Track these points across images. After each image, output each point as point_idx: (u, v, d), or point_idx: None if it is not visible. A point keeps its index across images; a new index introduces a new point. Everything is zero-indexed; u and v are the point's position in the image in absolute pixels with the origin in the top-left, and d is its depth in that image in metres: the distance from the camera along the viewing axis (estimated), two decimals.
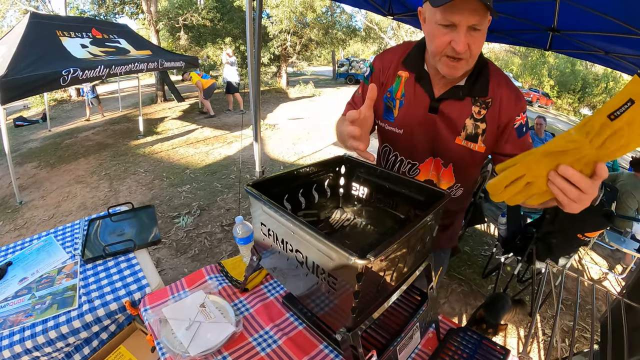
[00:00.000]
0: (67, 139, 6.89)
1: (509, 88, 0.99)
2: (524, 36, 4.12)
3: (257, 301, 1.14)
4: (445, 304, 2.63)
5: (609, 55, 3.68)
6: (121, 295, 1.22)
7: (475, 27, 0.83)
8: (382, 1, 3.60)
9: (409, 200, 0.94)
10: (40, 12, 6.87)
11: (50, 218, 3.81)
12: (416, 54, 1.05)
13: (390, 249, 0.61)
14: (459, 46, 0.83)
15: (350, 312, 0.64)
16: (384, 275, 0.69)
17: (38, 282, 1.28)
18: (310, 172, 1.04)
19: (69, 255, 1.43)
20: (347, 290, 0.63)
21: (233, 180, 4.77)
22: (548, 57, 24.62)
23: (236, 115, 8.73)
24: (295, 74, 17.56)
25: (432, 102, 1.02)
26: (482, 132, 1.00)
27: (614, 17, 2.64)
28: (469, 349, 0.98)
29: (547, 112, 20.36)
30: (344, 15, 14.90)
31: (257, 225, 0.87)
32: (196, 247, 3.21)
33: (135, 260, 1.41)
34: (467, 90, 0.99)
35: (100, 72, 5.10)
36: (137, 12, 13.27)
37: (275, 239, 0.79)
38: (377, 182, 1.03)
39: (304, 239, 0.68)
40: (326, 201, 1.12)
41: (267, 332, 1.02)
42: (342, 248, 0.57)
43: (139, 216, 1.75)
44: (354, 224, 1.10)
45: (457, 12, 0.80)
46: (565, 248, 2.47)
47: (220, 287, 1.20)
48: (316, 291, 0.73)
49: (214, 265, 1.32)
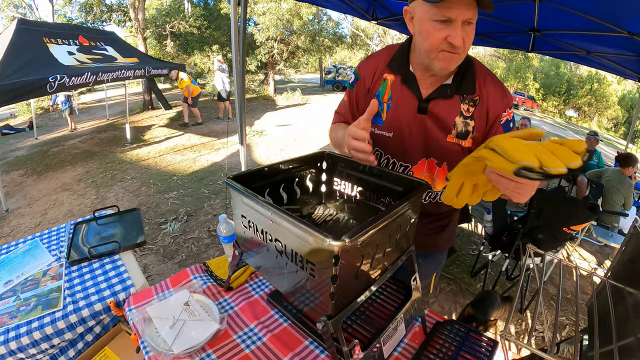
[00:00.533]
0: (54, 147, 6.82)
1: (495, 85, 1.01)
2: (507, 38, 4.22)
3: (241, 299, 1.13)
4: (434, 304, 2.64)
5: (591, 54, 3.78)
6: (106, 295, 1.21)
7: (469, 21, 0.85)
8: (366, 6, 3.66)
9: (389, 192, 0.95)
10: (28, 19, 6.79)
11: (37, 226, 3.75)
12: (401, 56, 1.05)
13: (365, 232, 0.61)
14: (457, 40, 0.84)
15: (329, 298, 0.64)
16: (362, 263, 0.69)
17: (23, 284, 1.28)
18: (292, 167, 1.04)
19: (55, 258, 1.43)
20: (325, 275, 0.63)
21: (220, 186, 4.75)
22: (532, 61, 25.15)
23: (224, 122, 8.72)
24: (283, 81, 17.64)
25: (420, 102, 1.02)
26: (472, 130, 1.01)
27: (593, 15, 2.71)
28: (456, 342, 0.98)
29: (533, 114, 20.72)
30: (331, 22, 15.09)
31: (238, 219, 0.87)
32: (183, 253, 3.18)
33: (121, 261, 1.40)
34: (454, 88, 0.99)
35: (87, 79, 5.05)
36: (124, 19, 13.23)
37: (255, 230, 0.79)
38: (358, 176, 1.04)
39: (281, 226, 0.68)
40: (309, 198, 1.12)
41: (252, 329, 1.02)
42: (318, 230, 0.58)
43: (125, 219, 1.74)
44: (336, 219, 1.10)
45: (454, 7, 0.81)
46: (551, 242, 2.50)
47: (204, 287, 1.19)
48: (296, 280, 0.73)
49: (199, 265, 1.31)
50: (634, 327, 1.01)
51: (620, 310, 1.15)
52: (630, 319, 1.07)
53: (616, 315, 1.13)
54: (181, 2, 15.91)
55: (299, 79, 16.03)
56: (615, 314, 1.14)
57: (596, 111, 26.12)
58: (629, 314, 1.11)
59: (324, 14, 14.07)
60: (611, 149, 14.58)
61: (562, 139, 0.58)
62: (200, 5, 14.78)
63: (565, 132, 16.26)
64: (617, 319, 1.12)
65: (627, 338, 1.00)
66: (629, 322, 1.05)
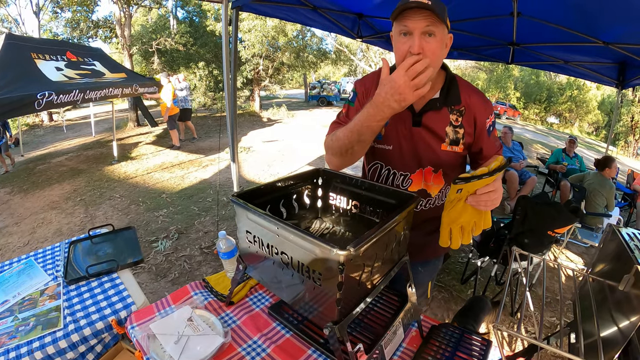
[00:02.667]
0: (40, 164, 6.74)
1: (477, 96, 1.14)
2: (487, 52, 4.36)
3: (243, 313, 1.16)
4: (427, 311, 2.68)
5: (569, 64, 3.94)
6: (107, 314, 1.21)
7: (429, 33, 0.95)
8: (351, 25, 3.77)
9: (382, 205, 1.01)
10: (16, 34, 6.74)
11: (26, 245, 3.69)
12: None
13: (368, 241, 0.67)
14: (414, 48, 0.94)
15: (335, 305, 0.68)
16: (364, 270, 0.74)
17: (20, 304, 1.27)
18: (290, 184, 1.09)
19: (51, 277, 1.42)
20: (331, 283, 0.68)
21: (210, 203, 4.74)
22: (513, 71, 25.89)
23: (212, 139, 8.71)
24: (268, 97, 17.79)
25: (414, 116, 1.13)
26: (462, 136, 1.13)
27: (570, 28, 2.84)
28: (452, 343, 1.03)
29: (515, 123, 21.26)
30: (315, 38, 15.31)
31: (242, 234, 0.91)
32: (176, 271, 3.16)
33: (119, 280, 1.40)
34: (442, 101, 1.11)
35: (75, 96, 5.03)
36: (110, 36, 13.22)
37: (260, 245, 0.83)
38: (352, 190, 1.10)
39: (288, 240, 0.73)
40: (306, 212, 1.17)
41: (256, 341, 1.04)
42: (324, 242, 0.63)
43: (120, 237, 1.75)
44: (333, 232, 1.15)
45: (409, 19, 0.94)
46: (537, 246, 2.58)
47: (206, 302, 1.21)
48: (302, 290, 0.77)
49: (199, 282, 1.33)
50: (615, 318, 1.08)
51: (602, 303, 1.22)
52: (610, 310, 1.14)
53: (598, 308, 1.20)
54: (167, 19, 16.04)
55: (284, 95, 16.17)
56: (597, 306, 1.21)
57: (577, 116, 27.00)
58: (609, 305, 1.18)
59: (307, 30, 14.30)
60: (593, 152, 15.06)
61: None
62: (186, 22, 14.93)
63: (547, 139, 16.71)
64: (599, 311, 1.19)
65: (609, 328, 1.07)
66: (610, 313, 1.12)
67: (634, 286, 1.01)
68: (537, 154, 10.13)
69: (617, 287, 1.05)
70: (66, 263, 1.48)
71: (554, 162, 5.46)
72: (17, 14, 14.09)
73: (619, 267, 1.21)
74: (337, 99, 18.52)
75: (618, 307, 1.07)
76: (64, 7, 12.12)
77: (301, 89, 23.14)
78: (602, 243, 1.50)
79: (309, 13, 3.29)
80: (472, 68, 28.17)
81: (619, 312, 1.05)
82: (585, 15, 2.65)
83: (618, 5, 2.31)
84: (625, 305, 1.03)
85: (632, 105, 20.50)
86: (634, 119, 20.54)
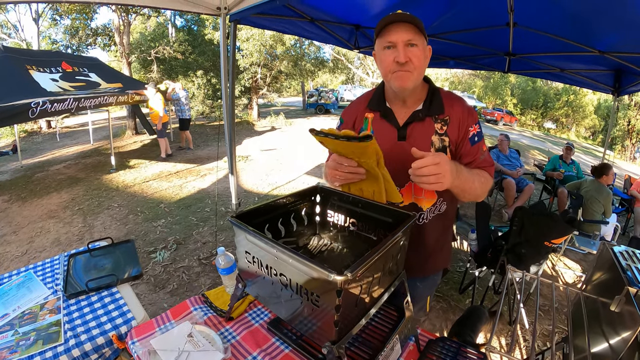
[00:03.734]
0: (39, 172, 6.74)
1: (461, 105, 1.17)
2: (483, 61, 4.41)
3: (242, 329, 1.17)
4: (425, 322, 2.69)
5: (565, 72, 3.99)
6: (107, 329, 1.22)
7: (411, 43, 1.04)
8: (348, 36, 3.81)
9: (379, 223, 1.03)
10: (11, 47, 6.77)
11: (24, 254, 3.69)
12: (378, 96, 1.22)
13: (364, 265, 0.68)
14: (400, 57, 1.04)
15: (333, 325, 0.70)
16: (362, 291, 0.76)
17: (20, 318, 1.27)
18: (288, 202, 1.11)
19: (51, 291, 1.42)
20: (329, 305, 0.69)
21: (208, 213, 4.75)
22: (509, 77, 26.09)
23: (208, 149, 8.73)
24: (266, 105, 17.89)
25: (399, 131, 1.16)
26: (448, 144, 1.15)
27: (566, 37, 2.88)
28: (449, 357, 1.05)
29: (512, 129, 21.36)
30: (312, 47, 15.45)
31: (241, 254, 0.93)
32: (174, 282, 3.16)
33: (119, 294, 1.41)
34: (425, 111, 1.15)
35: (69, 105, 5.05)
36: (109, 43, 13.28)
37: (260, 266, 0.85)
38: (349, 208, 1.12)
39: (287, 263, 0.74)
40: (304, 229, 1.19)
41: (255, 357, 1.05)
42: (322, 267, 0.65)
43: (119, 251, 1.75)
44: (331, 249, 1.17)
45: (393, 32, 1.04)
46: (534, 256, 2.60)
47: (205, 317, 1.22)
48: (301, 310, 0.79)
49: (198, 297, 1.34)
50: (606, 335, 1.10)
51: (594, 321, 1.24)
52: (602, 328, 1.16)
53: (590, 324, 1.22)
54: (165, 27, 16.13)
55: (282, 103, 16.29)
56: (589, 323, 1.23)
57: (573, 121, 27.18)
58: (601, 323, 1.20)
59: (305, 39, 14.43)
60: (590, 157, 15.15)
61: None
62: (184, 31, 15.01)
63: (544, 144, 16.82)
64: (591, 328, 1.21)
65: (600, 345, 1.09)
66: (602, 330, 1.14)
67: (625, 304, 1.03)
68: (535, 160, 10.19)
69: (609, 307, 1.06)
70: (66, 277, 1.49)
71: (551, 169, 5.50)
72: (16, 20, 14.11)
73: (611, 286, 1.23)
74: (335, 106, 18.63)
75: (610, 324, 1.09)
76: (63, 14, 12.19)
77: (299, 97, 23.24)
78: (597, 260, 1.52)
79: (306, 25, 3.34)
80: (469, 75, 28.37)
81: (610, 329, 1.07)
82: (580, 25, 2.69)
83: (612, 14, 2.35)
84: (617, 323, 1.05)
85: (629, 109, 20.67)
86: (630, 123, 20.69)
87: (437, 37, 3.57)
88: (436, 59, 4.63)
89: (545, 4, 2.49)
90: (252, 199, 5.44)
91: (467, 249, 3.99)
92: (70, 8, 11.56)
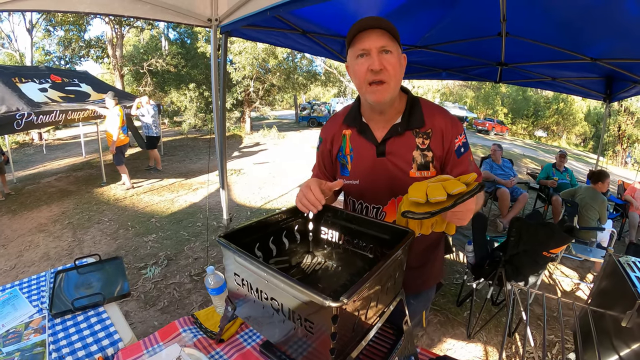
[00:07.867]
0: (29, 184, 6.66)
1: (443, 116, 1.10)
2: (475, 71, 4.44)
3: (234, 351, 1.11)
4: (423, 336, 2.63)
5: (556, 80, 4.03)
6: (93, 351, 1.17)
7: (385, 50, 0.97)
8: (340, 49, 3.82)
9: (375, 240, 0.98)
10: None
11: (12, 268, 3.59)
12: (354, 112, 1.16)
13: (362, 289, 0.64)
14: (374, 65, 0.96)
15: (329, 353, 0.65)
16: (359, 315, 0.71)
17: (5, 337, 1.22)
18: (280, 219, 1.06)
19: (36, 309, 1.37)
20: (324, 332, 0.65)
21: (200, 228, 4.67)
22: (500, 87, 26.52)
23: (201, 162, 8.65)
24: (259, 118, 17.94)
25: (377, 147, 1.11)
26: (432, 159, 1.08)
27: (558, 45, 2.90)
28: None
29: (503, 138, 21.59)
30: (305, 60, 15.59)
31: (230, 275, 0.87)
32: (165, 299, 3.06)
33: (106, 314, 1.36)
34: (405, 125, 1.08)
35: (56, 117, 4.98)
36: (102, 56, 13.27)
37: (249, 288, 0.80)
38: (344, 225, 1.07)
39: (278, 287, 0.69)
40: (297, 247, 1.14)
41: None
42: (316, 293, 0.60)
43: (107, 268, 1.69)
44: (325, 267, 1.12)
45: (366, 40, 0.97)
46: (532, 267, 2.56)
47: (195, 339, 1.17)
48: (294, 337, 0.74)
49: (187, 317, 1.29)
50: (617, 349, 1.05)
51: (603, 334, 1.20)
52: (612, 342, 1.12)
53: (598, 337, 1.18)
54: (158, 40, 16.18)
55: (274, 116, 16.39)
56: (598, 335, 1.18)
57: (564, 129, 27.59)
58: (610, 337, 1.16)
59: (297, 52, 14.55)
60: (582, 164, 15.31)
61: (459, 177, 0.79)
62: (177, 43, 15.06)
63: (536, 153, 16.99)
64: (601, 343, 1.16)
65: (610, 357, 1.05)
66: (612, 344, 1.10)
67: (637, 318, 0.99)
68: (527, 168, 10.26)
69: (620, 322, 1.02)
70: (52, 294, 1.43)
71: (545, 178, 5.51)
72: (10, 31, 14.05)
73: (620, 299, 1.19)
74: (327, 119, 18.74)
75: (620, 339, 1.05)
76: (57, 25, 12.18)
77: (292, 110, 23.39)
78: (602, 271, 1.48)
79: (299, 38, 3.33)
80: (459, 86, 28.69)
81: (622, 343, 1.03)
82: (571, 33, 2.71)
83: (602, 21, 2.37)
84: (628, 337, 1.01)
85: (619, 115, 21.00)
86: (620, 128, 21.01)
87: (430, 48, 3.58)
88: (428, 70, 4.66)
89: (536, 13, 2.50)
90: (244, 213, 5.37)
91: (464, 260, 3.95)
92: (64, 19, 11.57)
